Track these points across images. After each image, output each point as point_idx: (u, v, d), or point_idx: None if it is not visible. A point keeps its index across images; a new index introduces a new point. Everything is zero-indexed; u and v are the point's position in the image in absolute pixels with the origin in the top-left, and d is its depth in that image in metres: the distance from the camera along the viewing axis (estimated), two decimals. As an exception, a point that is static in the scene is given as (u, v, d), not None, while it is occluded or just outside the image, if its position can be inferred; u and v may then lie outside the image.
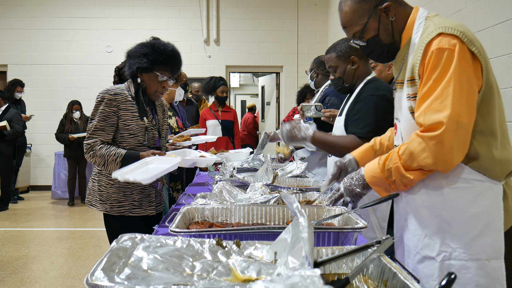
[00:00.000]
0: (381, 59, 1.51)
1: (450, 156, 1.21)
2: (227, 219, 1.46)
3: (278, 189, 2.00)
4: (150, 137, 2.15)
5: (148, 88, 2.11)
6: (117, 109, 2.03)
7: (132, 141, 2.08)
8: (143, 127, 2.09)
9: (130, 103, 2.07)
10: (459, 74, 1.20)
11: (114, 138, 2.07)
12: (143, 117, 2.09)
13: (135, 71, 2.07)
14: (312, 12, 7.76)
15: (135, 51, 2.07)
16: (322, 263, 0.94)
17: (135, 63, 2.06)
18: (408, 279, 0.81)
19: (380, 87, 2.00)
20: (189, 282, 0.80)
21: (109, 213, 2.10)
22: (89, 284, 0.72)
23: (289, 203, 0.95)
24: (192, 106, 5.01)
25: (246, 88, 13.23)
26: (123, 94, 2.06)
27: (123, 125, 2.05)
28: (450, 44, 1.22)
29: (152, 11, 7.66)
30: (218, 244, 0.97)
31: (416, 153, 1.24)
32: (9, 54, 7.58)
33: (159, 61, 2.04)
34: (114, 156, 2.00)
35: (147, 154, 1.98)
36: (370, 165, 1.39)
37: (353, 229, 1.23)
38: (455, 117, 1.18)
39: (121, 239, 0.92)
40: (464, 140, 1.22)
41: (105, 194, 2.09)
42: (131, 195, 2.10)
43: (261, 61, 7.78)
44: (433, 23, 1.30)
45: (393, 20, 1.40)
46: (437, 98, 1.21)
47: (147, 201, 2.17)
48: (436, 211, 1.30)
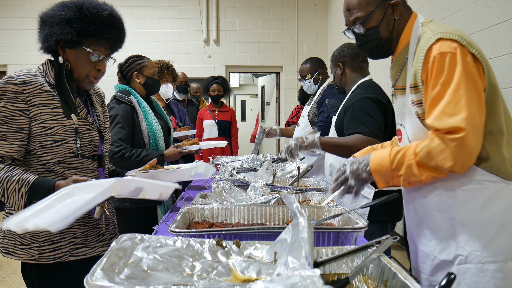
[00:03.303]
0: (372, 53, 1.51)
1: (469, 158, 1.21)
2: (227, 219, 1.46)
3: (278, 189, 2.00)
4: (87, 142, 1.51)
5: (75, 70, 1.49)
6: (28, 106, 1.39)
7: (60, 151, 1.45)
8: (72, 128, 1.46)
9: (49, 94, 1.43)
10: (466, 76, 1.21)
11: (30, 151, 1.43)
12: (70, 113, 1.46)
13: (54, 46, 1.45)
14: (312, 12, 7.76)
15: (53, 14, 1.42)
16: (322, 263, 0.94)
17: (52, 33, 1.42)
18: (408, 279, 0.81)
19: (366, 93, 2.16)
20: (189, 282, 0.80)
21: (38, 262, 1.44)
22: (88, 284, 0.72)
23: (289, 203, 0.95)
24: (193, 106, 5.01)
25: (246, 88, 13.23)
26: (35, 82, 1.41)
27: (42, 129, 1.41)
28: (451, 47, 1.24)
29: (151, 11, 7.66)
30: (218, 244, 0.97)
31: (435, 153, 1.22)
32: (9, 54, 7.58)
33: (91, 31, 1.43)
34: (17, 185, 1.34)
35: (65, 184, 1.34)
36: (379, 153, 1.36)
37: (353, 229, 1.23)
38: (471, 119, 1.19)
39: (121, 239, 0.92)
40: (480, 140, 1.22)
41: (29, 234, 1.44)
42: (70, 230, 1.48)
43: (261, 61, 7.78)
44: (430, 29, 1.32)
45: (397, 19, 1.42)
46: (450, 102, 1.21)
47: (95, 234, 1.57)
48: (450, 214, 1.29)
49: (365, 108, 2.07)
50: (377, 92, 2.16)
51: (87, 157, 1.52)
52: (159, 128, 2.48)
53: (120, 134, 2.32)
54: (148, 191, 1.23)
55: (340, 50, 2.37)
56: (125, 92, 2.45)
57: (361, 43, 1.50)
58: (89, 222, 1.54)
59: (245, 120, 12.72)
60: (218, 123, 4.87)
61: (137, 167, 1.90)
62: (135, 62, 2.52)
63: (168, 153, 2.46)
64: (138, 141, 2.39)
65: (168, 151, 2.48)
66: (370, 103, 2.08)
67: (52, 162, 1.44)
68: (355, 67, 2.31)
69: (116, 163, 2.30)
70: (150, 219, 2.41)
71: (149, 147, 2.43)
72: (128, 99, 2.40)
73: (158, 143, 2.46)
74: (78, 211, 1.06)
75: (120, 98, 2.40)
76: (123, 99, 2.39)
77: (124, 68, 2.52)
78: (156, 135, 2.45)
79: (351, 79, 2.32)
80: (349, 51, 2.33)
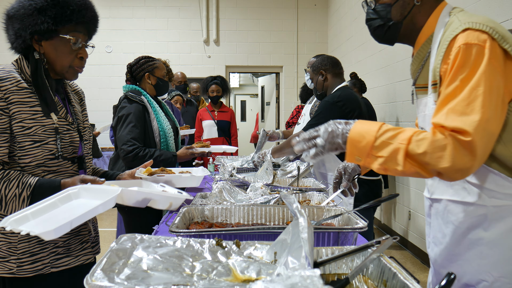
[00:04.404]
0: (376, 34, 1.34)
1: (470, 165, 1.03)
2: (227, 219, 1.46)
3: (278, 189, 2.00)
4: (67, 143, 1.41)
5: (56, 63, 1.38)
6: (6, 104, 1.28)
7: (39, 153, 1.34)
8: (52, 128, 1.37)
9: (27, 91, 1.33)
10: (490, 75, 1.04)
11: (11, 153, 1.32)
12: (50, 112, 1.36)
13: (29, 40, 1.34)
14: (311, 12, 7.76)
15: (22, 7, 1.30)
16: (322, 263, 0.94)
17: (25, 26, 1.31)
18: (408, 279, 0.81)
19: (336, 96, 2.50)
20: (189, 282, 0.80)
21: (16, 276, 1.32)
22: (88, 284, 0.72)
23: (289, 203, 0.95)
24: (192, 106, 5.00)
25: (246, 88, 13.23)
26: (11, 78, 1.31)
27: (20, 129, 1.31)
28: (480, 39, 1.06)
29: (151, 11, 7.66)
30: (218, 244, 0.97)
31: (433, 147, 1.04)
32: (9, 54, 7.57)
33: (67, 16, 1.33)
34: (17, 189, 1.26)
35: (72, 182, 1.29)
36: (368, 124, 1.14)
37: (353, 229, 1.23)
38: (483, 124, 1.02)
39: (121, 240, 0.92)
40: (488, 151, 1.06)
41: (5, 246, 1.32)
42: (51, 240, 1.32)
43: (261, 61, 7.78)
44: (458, 19, 1.14)
45: (416, 4, 1.24)
46: (464, 99, 1.04)
47: (78, 241, 1.46)
48: (478, 234, 1.13)
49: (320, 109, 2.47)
50: (346, 95, 2.50)
51: (67, 159, 1.42)
52: (169, 128, 2.51)
53: (133, 133, 2.33)
54: (156, 201, 1.23)
55: (321, 60, 2.69)
56: (136, 92, 2.47)
57: (368, 18, 1.34)
58: (72, 229, 1.33)
59: (245, 120, 12.72)
60: (217, 123, 4.87)
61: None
62: (146, 63, 2.54)
63: (181, 154, 2.50)
64: (149, 141, 2.42)
65: (180, 152, 2.51)
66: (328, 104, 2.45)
67: (32, 165, 1.33)
68: (336, 73, 2.65)
69: (129, 162, 2.31)
70: (154, 217, 2.41)
71: (159, 147, 2.45)
72: (139, 98, 2.42)
73: (169, 142, 2.49)
74: (76, 221, 1.02)
75: (132, 97, 2.42)
76: (135, 98, 2.41)
77: (135, 69, 2.54)
78: (166, 135, 2.47)
79: (331, 85, 2.64)
80: (329, 60, 2.68)
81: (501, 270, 1.10)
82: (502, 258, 1.10)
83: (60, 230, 0.98)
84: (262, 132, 3.08)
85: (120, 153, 2.34)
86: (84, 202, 1.17)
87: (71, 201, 1.17)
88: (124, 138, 2.32)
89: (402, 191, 4.45)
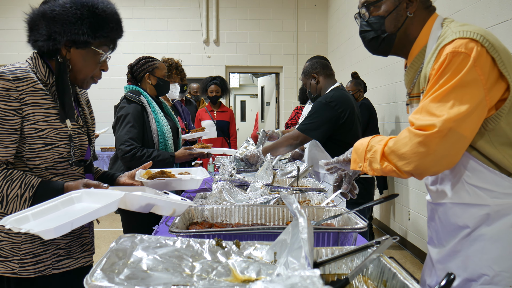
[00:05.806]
0: (370, 45, 1.37)
1: (428, 162, 1.10)
2: (226, 220, 1.46)
3: (278, 190, 2.00)
4: (76, 146, 1.40)
5: (80, 72, 1.39)
6: (21, 105, 1.27)
7: (50, 156, 1.33)
8: (65, 132, 1.36)
9: (42, 93, 1.31)
10: (469, 81, 1.08)
11: (19, 153, 1.31)
12: (66, 118, 1.36)
13: (61, 44, 1.33)
14: (311, 12, 7.76)
15: (66, 12, 1.29)
16: (321, 264, 0.94)
17: (64, 32, 1.30)
18: (408, 279, 0.81)
19: (329, 96, 2.55)
20: (189, 283, 0.80)
21: (18, 276, 1.32)
22: (88, 284, 0.72)
23: (289, 203, 0.95)
24: (191, 106, 5.01)
25: (246, 88, 13.23)
26: (28, 79, 1.29)
27: (33, 131, 1.30)
28: (467, 48, 1.09)
29: (151, 12, 7.66)
30: (217, 245, 0.97)
31: (397, 146, 1.14)
32: (9, 54, 7.57)
33: (105, 32, 1.36)
34: (20, 190, 1.25)
35: (75, 186, 1.28)
36: (369, 138, 1.28)
37: (352, 229, 1.23)
38: (450, 123, 1.07)
39: (121, 240, 0.92)
40: (451, 150, 1.09)
41: (8, 246, 1.32)
42: (53, 241, 1.36)
43: (261, 61, 7.78)
44: (450, 29, 1.18)
45: (409, 16, 1.28)
46: (437, 100, 1.10)
47: (79, 244, 1.47)
48: (480, 230, 1.16)
49: (314, 109, 2.52)
50: (339, 95, 2.55)
51: (76, 162, 1.41)
52: (168, 128, 2.51)
53: (131, 133, 2.34)
54: (160, 207, 1.21)
55: (311, 64, 2.75)
56: (135, 92, 2.48)
57: (362, 30, 1.37)
58: (74, 231, 1.42)
59: (244, 120, 12.73)
60: (216, 123, 4.87)
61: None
62: (147, 63, 2.55)
63: (179, 154, 2.50)
64: (147, 141, 2.42)
65: (178, 152, 2.51)
66: (321, 105, 2.51)
67: (41, 167, 1.33)
68: (327, 74, 2.72)
69: (127, 162, 2.32)
70: (154, 218, 2.41)
71: (158, 147, 2.45)
72: (138, 99, 2.43)
73: (167, 143, 2.49)
74: (77, 222, 1.01)
75: (131, 98, 2.43)
76: (133, 99, 2.43)
77: (136, 69, 2.55)
78: (165, 135, 2.48)
79: (325, 86, 2.71)
80: (319, 63, 2.74)
81: (502, 265, 1.13)
82: (504, 252, 1.13)
83: (61, 229, 0.97)
84: (261, 132, 3.09)
85: (118, 153, 2.36)
86: (86, 206, 1.16)
87: (73, 204, 1.16)
88: (122, 138, 2.34)
89: (402, 191, 4.46)
